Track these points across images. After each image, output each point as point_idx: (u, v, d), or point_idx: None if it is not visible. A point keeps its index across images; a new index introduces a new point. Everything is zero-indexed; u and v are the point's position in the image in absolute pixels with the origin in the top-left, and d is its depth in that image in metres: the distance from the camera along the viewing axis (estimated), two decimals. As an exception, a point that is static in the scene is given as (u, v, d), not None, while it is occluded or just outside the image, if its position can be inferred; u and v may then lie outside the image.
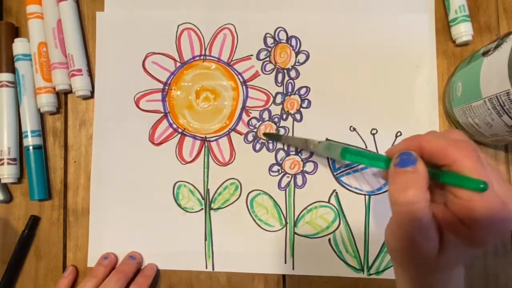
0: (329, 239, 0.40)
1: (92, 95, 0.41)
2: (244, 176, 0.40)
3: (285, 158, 0.40)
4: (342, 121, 0.40)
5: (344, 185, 0.40)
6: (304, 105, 0.41)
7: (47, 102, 0.40)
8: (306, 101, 0.41)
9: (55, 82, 0.40)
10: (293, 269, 0.39)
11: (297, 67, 0.41)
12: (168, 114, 0.41)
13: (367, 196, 0.40)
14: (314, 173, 0.40)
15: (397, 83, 0.40)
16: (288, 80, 0.41)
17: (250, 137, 0.41)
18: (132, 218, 0.40)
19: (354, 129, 0.40)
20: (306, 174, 0.40)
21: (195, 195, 0.40)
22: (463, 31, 0.39)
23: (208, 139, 0.41)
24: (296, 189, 0.40)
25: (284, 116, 0.41)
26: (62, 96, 0.42)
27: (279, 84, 0.41)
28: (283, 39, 0.41)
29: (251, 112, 0.41)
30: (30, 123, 0.40)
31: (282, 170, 0.40)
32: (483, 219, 0.22)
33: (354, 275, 0.39)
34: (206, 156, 0.41)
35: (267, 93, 0.41)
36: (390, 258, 0.39)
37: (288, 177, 0.40)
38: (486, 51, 0.33)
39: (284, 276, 0.40)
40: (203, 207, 0.40)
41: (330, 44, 0.41)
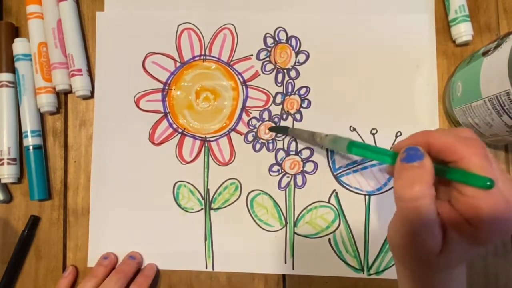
0: (329, 239, 0.40)
1: (92, 95, 0.41)
2: (244, 176, 0.40)
3: (285, 158, 0.40)
4: (342, 121, 0.40)
5: (344, 185, 0.40)
6: (304, 105, 0.41)
7: (47, 102, 0.40)
8: (306, 101, 0.41)
9: (55, 82, 0.40)
10: (293, 269, 0.39)
11: (297, 67, 0.41)
12: (168, 114, 0.41)
13: (367, 196, 0.40)
14: (314, 173, 0.40)
15: (397, 83, 0.40)
16: (288, 80, 0.41)
17: (250, 137, 0.41)
18: (132, 218, 0.40)
19: (354, 129, 0.40)
20: (306, 174, 0.40)
21: (195, 195, 0.40)
22: (463, 31, 0.39)
23: (208, 139, 0.41)
24: (296, 189, 0.40)
25: (284, 116, 0.41)
26: (62, 96, 0.42)
27: (279, 84, 0.41)
28: (283, 39, 0.41)
29: (251, 112, 0.41)
30: (30, 123, 0.40)
31: (282, 170, 0.40)
32: (488, 217, 0.21)
33: (354, 275, 0.39)
34: (206, 156, 0.41)
35: (267, 93, 0.41)
36: (390, 258, 0.39)
37: (288, 177, 0.40)
38: (486, 51, 0.33)
39: (284, 276, 0.40)
40: (203, 207, 0.40)
41: (330, 44, 0.41)
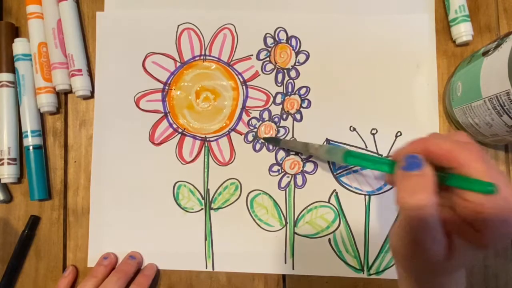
0: (329, 239, 0.40)
1: (92, 95, 0.41)
2: (244, 176, 0.40)
3: (285, 158, 0.40)
4: (342, 121, 0.40)
5: (344, 185, 0.40)
6: (304, 105, 0.41)
7: (47, 102, 0.40)
8: (306, 101, 0.41)
9: (55, 82, 0.40)
10: (293, 269, 0.39)
11: (297, 67, 0.41)
12: (168, 114, 0.41)
13: (367, 196, 0.40)
14: (314, 173, 0.40)
15: (397, 83, 0.40)
16: (288, 80, 0.41)
17: (250, 137, 0.41)
18: (132, 218, 0.40)
19: (354, 129, 0.40)
20: (306, 174, 0.40)
21: (195, 195, 0.40)
22: (463, 31, 0.39)
23: (208, 139, 0.41)
24: (296, 189, 0.40)
25: (284, 116, 0.41)
26: (62, 96, 0.42)
27: (279, 84, 0.41)
28: (283, 39, 0.41)
29: (251, 112, 0.41)
30: (30, 123, 0.40)
31: (282, 170, 0.40)
32: (492, 221, 0.21)
33: (354, 275, 0.39)
34: (206, 156, 0.41)
35: (267, 93, 0.41)
36: (390, 258, 0.39)
37: (288, 177, 0.40)
38: (486, 51, 0.33)
39: (284, 276, 0.40)
40: (203, 207, 0.40)
41: (330, 44, 0.41)
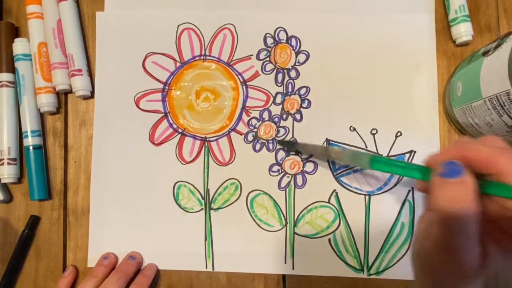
0: (329, 239, 0.39)
1: (92, 95, 0.41)
2: (244, 176, 0.40)
3: (285, 158, 0.40)
4: (342, 121, 0.40)
5: (344, 185, 0.40)
6: (304, 105, 0.41)
7: (47, 102, 0.40)
8: (306, 101, 0.41)
9: (55, 82, 0.40)
10: (293, 269, 0.39)
11: (297, 67, 0.41)
12: (168, 114, 0.41)
13: (367, 196, 0.40)
14: (314, 173, 0.40)
15: (397, 83, 0.40)
16: (288, 80, 0.41)
17: (250, 137, 0.41)
18: (132, 218, 0.40)
19: (354, 129, 0.40)
20: (306, 174, 0.40)
21: (195, 195, 0.40)
22: (463, 31, 0.39)
23: (208, 139, 0.41)
24: (296, 189, 0.40)
25: (284, 116, 0.41)
26: (62, 96, 0.42)
27: (279, 84, 0.41)
28: (283, 39, 0.41)
29: (251, 112, 0.41)
30: (30, 123, 0.40)
31: (282, 170, 0.40)
32: None
33: (354, 275, 0.39)
34: (206, 156, 0.41)
35: (267, 93, 0.41)
36: (390, 258, 0.39)
37: (288, 177, 0.40)
38: (486, 51, 0.33)
39: (284, 276, 0.40)
40: (203, 207, 0.40)
41: (330, 44, 0.41)
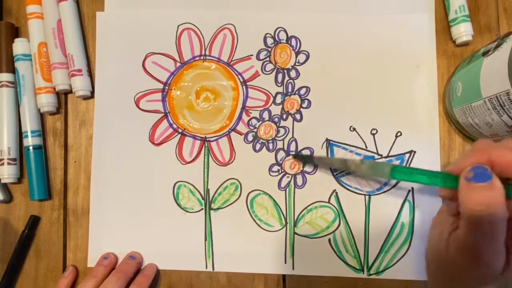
0: (329, 239, 0.39)
1: (92, 95, 0.41)
2: (244, 176, 0.40)
3: (285, 158, 0.40)
4: (342, 121, 0.40)
5: (344, 185, 0.40)
6: (304, 105, 0.41)
7: (47, 102, 0.40)
8: (306, 101, 0.41)
9: (55, 82, 0.40)
10: (293, 269, 0.39)
11: (297, 67, 0.41)
12: (168, 114, 0.41)
13: (367, 196, 0.40)
14: (314, 173, 0.40)
15: (397, 83, 0.40)
16: (288, 80, 0.41)
17: (250, 137, 0.41)
18: (132, 218, 0.40)
19: (354, 129, 0.40)
20: (306, 174, 0.40)
21: (195, 195, 0.40)
22: (463, 31, 0.39)
23: (208, 139, 0.41)
24: (296, 189, 0.40)
25: (284, 116, 0.41)
26: (62, 96, 0.42)
27: (279, 84, 0.41)
28: (283, 39, 0.41)
29: (251, 112, 0.41)
30: (30, 123, 0.40)
31: (282, 170, 0.40)
32: None
33: (354, 275, 0.39)
34: (206, 156, 0.41)
35: (267, 93, 0.41)
36: (390, 258, 0.39)
37: (288, 177, 0.40)
38: (486, 51, 0.33)
39: (284, 276, 0.40)
40: (203, 207, 0.40)
41: (330, 44, 0.41)
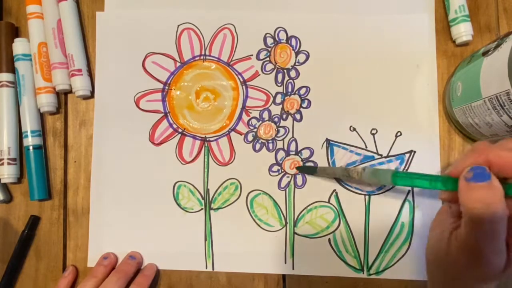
0: (329, 239, 0.39)
1: (92, 95, 0.41)
2: (244, 176, 0.40)
3: (285, 158, 0.40)
4: (342, 121, 0.40)
5: (344, 185, 0.40)
6: (304, 105, 0.41)
7: (47, 102, 0.40)
8: (306, 101, 0.41)
9: (55, 82, 0.40)
10: (293, 269, 0.39)
11: (297, 67, 0.41)
12: (168, 114, 0.41)
13: (367, 196, 0.40)
14: (314, 173, 0.40)
15: (397, 83, 0.40)
16: (288, 80, 0.41)
17: (250, 137, 0.41)
18: (132, 218, 0.40)
19: (354, 129, 0.40)
20: (306, 174, 0.40)
21: (195, 195, 0.40)
22: (463, 31, 0.39)
23: (208, 139, 0.41)
24: (296, 189, 0.40)
25: (284, 116, 0.41)
26: (62, 96, 0.42)
27: (279, 84, 0.41)
28: (283, 39, 0.41)
29: (251, 112, 0.41)
30: (30, 123, 0.40)
31: (282, 170, 0.40)
32: None
33: (354, 275, 0.39)
34: (206, 156, 0.41)
35: (267, 93, 0.41)
36: (390, 258, 0.39)
37: (288, 177, 0.40)
38: (486, 51, 0.33)
39: (284, 276, 0.40)
40: (203, 207, 0.40)
41: (330, 44, 0.41)
